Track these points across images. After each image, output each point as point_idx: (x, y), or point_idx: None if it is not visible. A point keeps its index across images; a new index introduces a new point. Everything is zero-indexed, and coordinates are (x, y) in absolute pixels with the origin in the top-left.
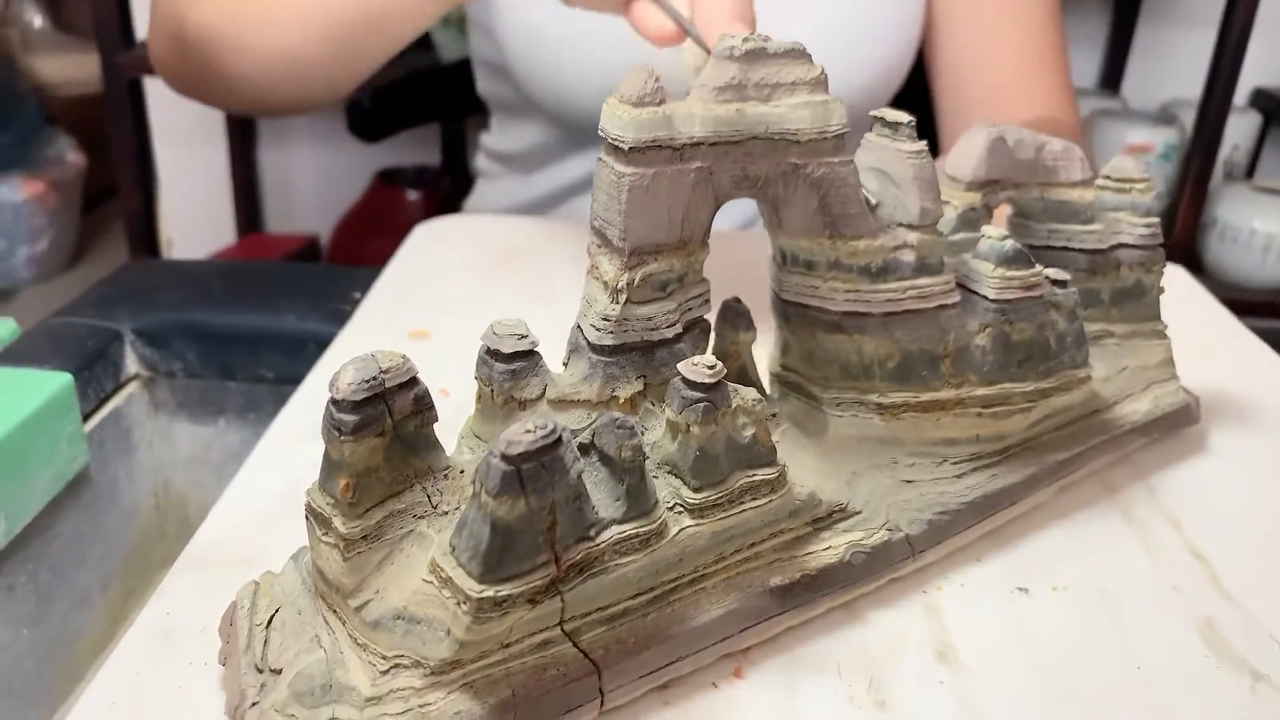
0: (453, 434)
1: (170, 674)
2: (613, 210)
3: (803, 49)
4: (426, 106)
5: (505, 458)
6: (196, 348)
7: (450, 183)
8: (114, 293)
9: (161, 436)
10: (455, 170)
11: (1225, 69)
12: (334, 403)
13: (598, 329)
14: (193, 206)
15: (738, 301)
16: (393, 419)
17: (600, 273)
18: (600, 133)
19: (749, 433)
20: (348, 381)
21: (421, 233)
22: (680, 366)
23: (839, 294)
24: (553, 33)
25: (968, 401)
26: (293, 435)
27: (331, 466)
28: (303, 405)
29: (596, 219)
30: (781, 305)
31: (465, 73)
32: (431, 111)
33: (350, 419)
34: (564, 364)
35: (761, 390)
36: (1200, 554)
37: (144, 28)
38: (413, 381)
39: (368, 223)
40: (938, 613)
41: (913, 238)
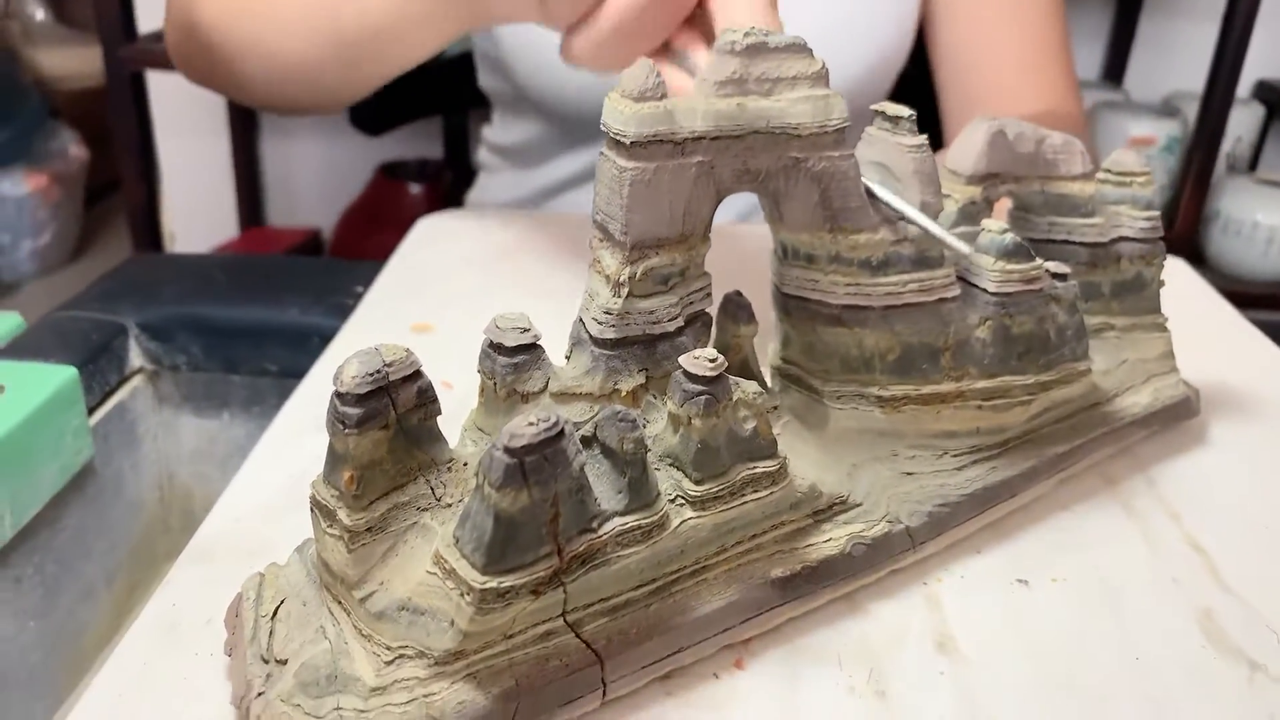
0: (456, 427)
1: (176, 665)
2: (614, 204)
3: (803, 43)
4: (429, 100)
5: (508, 450)
6: (200, 341)
7: (452, 176)
8: (118, 287)
9: (166, 430)
10: (457, 163)
11: (1228, 61)
12: (338, 396)
13: (600, 322)
14: (195, 200)
15: (739, 295)
16: (396, 412)
17: (602, 266)
18: (602, 127)
19: (750, 425)
20: (352, 375)
21: (424, 227)
22: (682, 360)
23: (840, 287)
24: (552, 30)
25: (968, 394)
26: (296, 428)
27: (336, 459)
28: (306, 398)
29: (598, 213)
30: (782, 299)
31: (467, 66)
32: (434, 105)
33: (354, 412)
34: (566, 357)
35: (763, 383)
36: (1199, 546)
37: (146, 21)
38: (416, 375)
39: (370, 216)
40: (938, 604)
41: (913, 231)
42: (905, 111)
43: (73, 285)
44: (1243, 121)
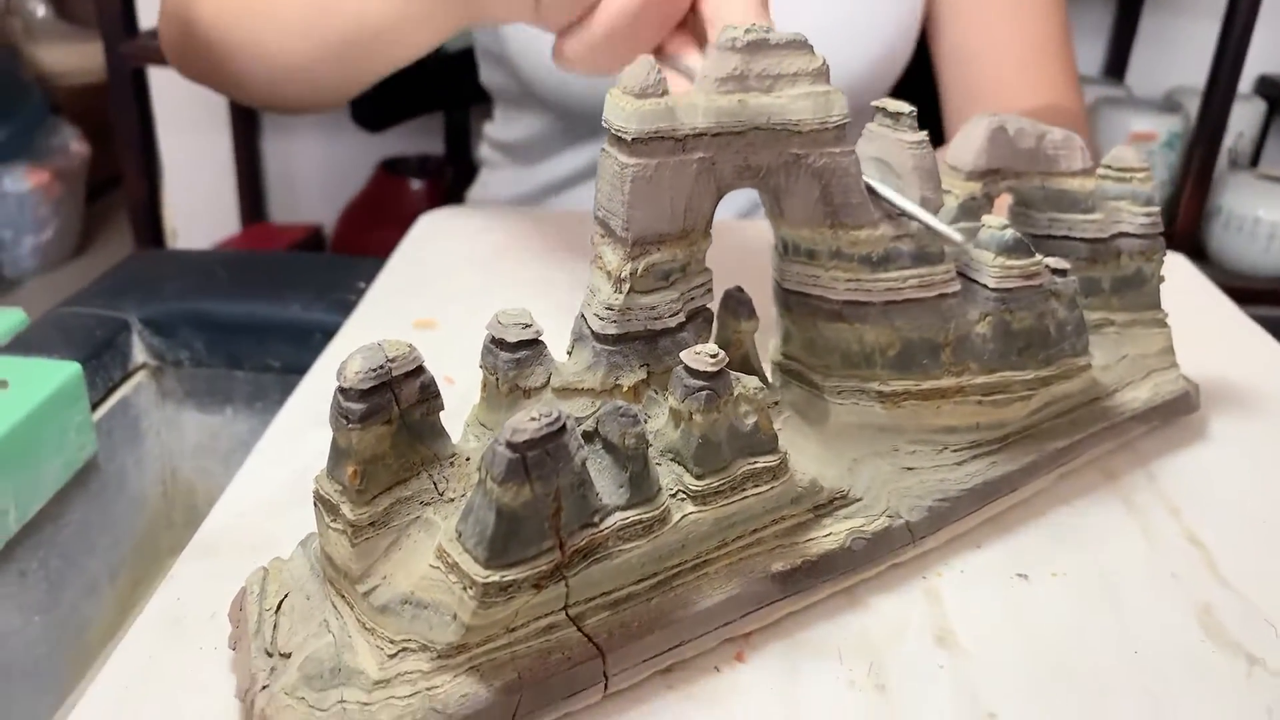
0: (458, 422)
1: (181, 658)
2: (616, 201)
3: (804, 40)
4: (430, 96)
5: (510, 445)
6: (203, 337)
7: (454, 172)
8: (121, 282)
9: (169, 425)
10: (459, 159)
11: (1230, 56)
12: (341, 391)
13: (601, 318)
14: (197, 196)
15: (740, 290)
16: (399, 407)
17: (604, 262)
18: (604, 124)
19: (751, 420)
20: (355, 370)
21: (425, 223)
22: (683, 355)
23: (840, 283)
24: None
25: (968, 389)
26: (299, 424)
27: (339, 454)
28: (309, 394)
29: (600, 209)
30: (783, 294)
31: (469, 62)
32: (435, 101)
33: (358, 407)
34: (568, 353)
35: (763, 378)
36: (1199, 541)
37: (147, 17)
38: (419, 370)
39: (371, 212)
40: (937, 598)
41: (913, 227)
42: (906, 108)
43: (75, 281)
44: (1244, 117)
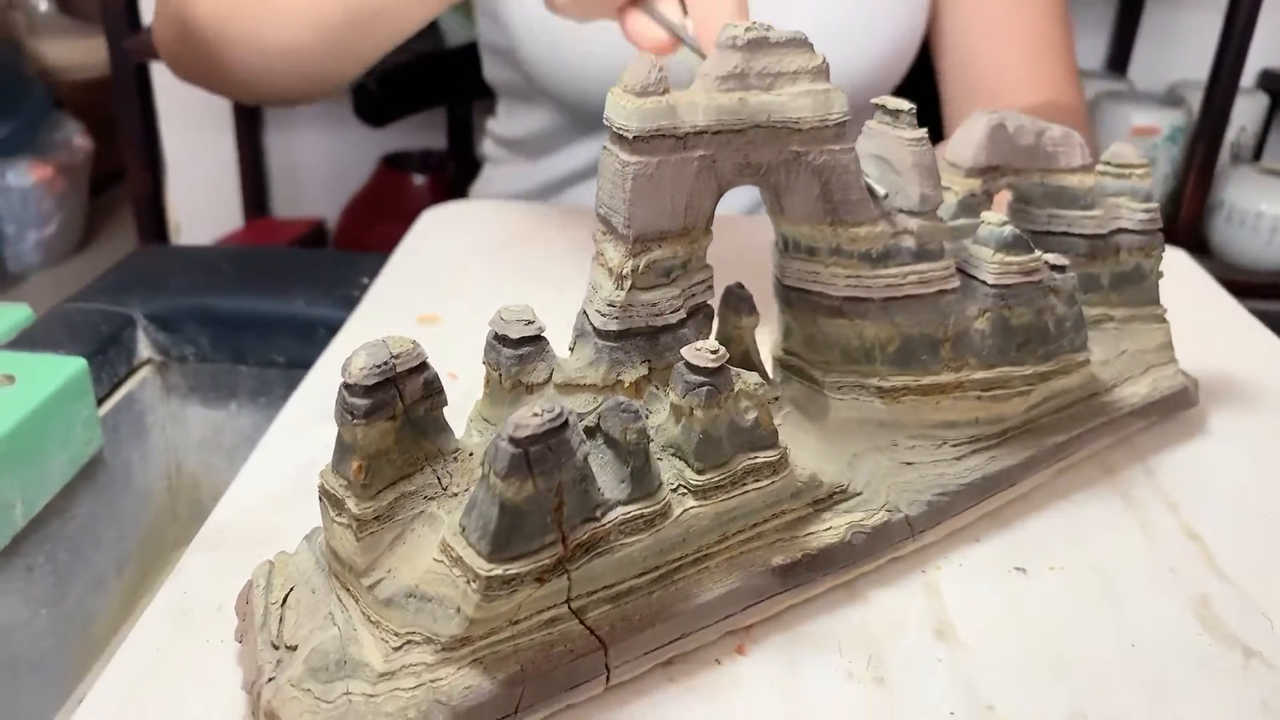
0: (462, 417)
1: (188, 651)
2: (617, 198)
3: (804, 38)
4: (433, 91)
5: (513, 441)
6: (208, 332)
7: (456, 167)
8: (126, 278)
9: (174, 420)
10: (461, 155)
11: (1232, 51)
12: (346, 387)
13: (603, 314)
14: (200, 191)
15: (740, 287)
16: (403, 403)
17: (605, 259)
18: (605, 122)
19: (751, 416)
20: (359, 366)
21: (428, 218)
22: (684, 351)
23: (840, 279)
24: (558, 18)
25: (967, 385)
26: (304, 419)
27: (344, 449)
28: (313, 389)
29: (602, 206)
30: (784, 290)
31: (471, 57)
32: (438, 96)
33: (362, 403)
34: (570, 349)
35: (764, 374)
36: (1196, 535)
37: (150, 13)
38: (423, 366)
39: (374, 207)
40: (936, 592)
41: (913, 224)
42: (905, 105)
43: (78, 276)
44: (1247, 111)
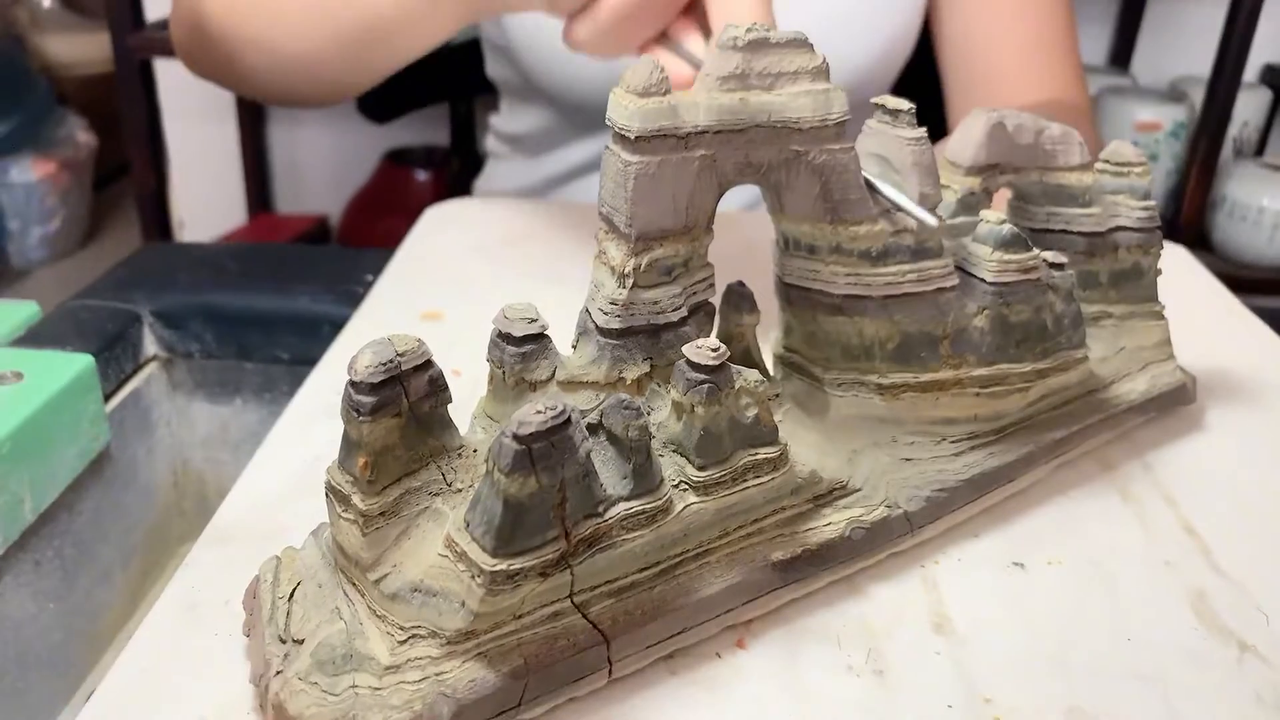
0: (465, 413)
1: (197, 644)
2: (619, 198)
3: (804, 38)
4: (436, 87)
5: (517, 437)
6: (213, 329)
7: (459, 163)
8: (132, 276)
9: (180, 416)
10: (464, 150)
11: (1235, 46)
12: (352, 385)
13: (605, 313)
14: (204, 187)
15: (742, 285)
16: (408, 400)
17: (607, 258)
18: (607, 122)
19: (752, 413)
20: (365, 365)
21: (432, 215)
22: (685, 349)
23: (840, 277)
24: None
25: (966, 382)
26: (309, 415)
27: (350, 446)
28: (318, 386)
29: (604, 206)
30: (784, 288)
31: (474, 53)
32: (441, 92)
33: (368, 400)
34: (573, 346)
35: (764, 371)
36: (1193, 530)
37: (153, 9)
38: (427, 364)
39: (377, 203)
40: (935, 586)
41: (912, 222)
42: (905, 105)
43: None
44: (1249, 106)
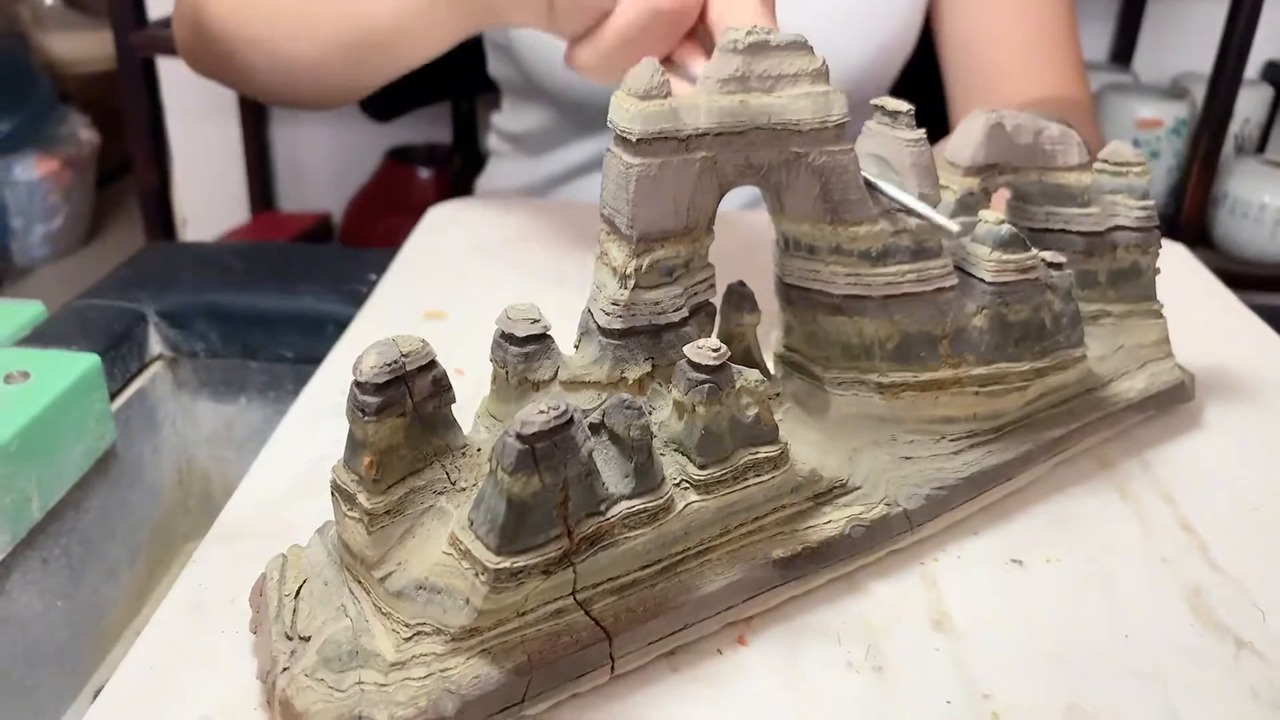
0: (469, 412)
1: (204, 641)
2: (621, 199)
3: (804, 41)
4: (438, 85)
5: (520, 437)
6: (218, 328)
7: (461, 161)
8: (137, 275)
9: (185, 415)
10: (466, 148)
11: (1236, 42)
12: (358, 385)
13: (607, 313)
14: (206, 185)
15: (742, 285)
16: (413, 400)
17: (609, 259)
18: (609, 125)
19: (752, 412)
20: (370, 365)
21: (434, 215)
22: (686, 349)
23: (840, 277)
24: None
25: (965, 381)
26: (314, 414)
27: (355, 445)
28: (322, 385)
29: (605, 207)
30: (784, 288)
31: (476, 51)
32: (443, 90)
33: (373, 400)
34: (575, 346)
35: (765, 371)
36: (1191, 527)
37: (156, 7)
38: (431, 364)
39: (379, 201)
40: (934, 583)
41: (912, 222)
42: (904, 106)
43: (86, 269)
44: (1251, 103)
